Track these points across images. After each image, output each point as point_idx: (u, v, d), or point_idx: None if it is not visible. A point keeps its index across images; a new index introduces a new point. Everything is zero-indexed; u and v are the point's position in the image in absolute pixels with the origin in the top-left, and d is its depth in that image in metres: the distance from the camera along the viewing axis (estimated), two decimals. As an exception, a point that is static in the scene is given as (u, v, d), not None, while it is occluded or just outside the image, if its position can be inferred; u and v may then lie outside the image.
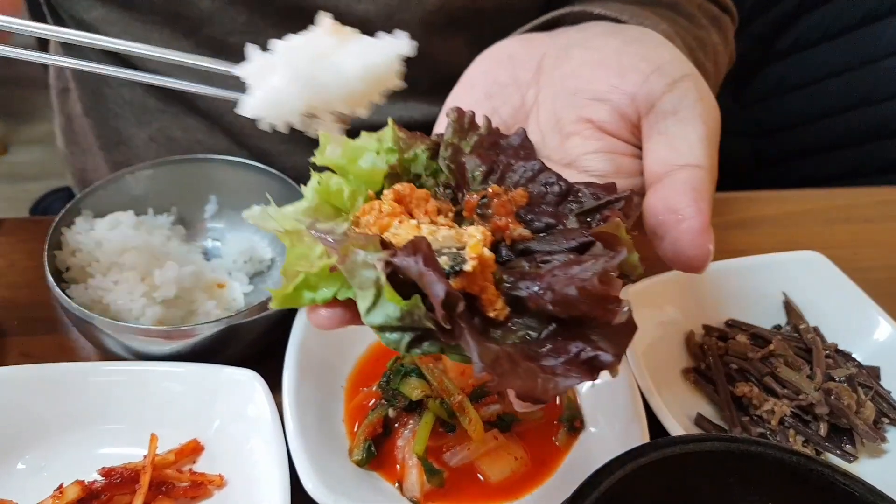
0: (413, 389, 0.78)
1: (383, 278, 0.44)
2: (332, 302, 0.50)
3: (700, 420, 0.83)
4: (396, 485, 0.75)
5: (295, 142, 1.05)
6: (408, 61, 1.03)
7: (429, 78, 1.06)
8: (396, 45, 0.53)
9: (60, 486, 0.70)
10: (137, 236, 0.85)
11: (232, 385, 0.76)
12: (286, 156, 0.96)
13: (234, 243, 0.95)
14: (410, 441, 0.77)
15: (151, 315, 0.79)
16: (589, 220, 0.52)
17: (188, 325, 0.80)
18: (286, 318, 0.83)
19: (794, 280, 0.98)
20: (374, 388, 0.82)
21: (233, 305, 0.88)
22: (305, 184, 0.56)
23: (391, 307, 0.45)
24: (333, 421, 0.80)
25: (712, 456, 0.60)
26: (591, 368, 0.45)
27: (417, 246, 0.44)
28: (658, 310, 0.91)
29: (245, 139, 1.06)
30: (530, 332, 0.47)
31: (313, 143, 1.07)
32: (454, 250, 0.47)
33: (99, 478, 0.70)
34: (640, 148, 0.58)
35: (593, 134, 0.59)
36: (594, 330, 0.45)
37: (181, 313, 0.82)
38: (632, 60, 0.59)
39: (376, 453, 0.76)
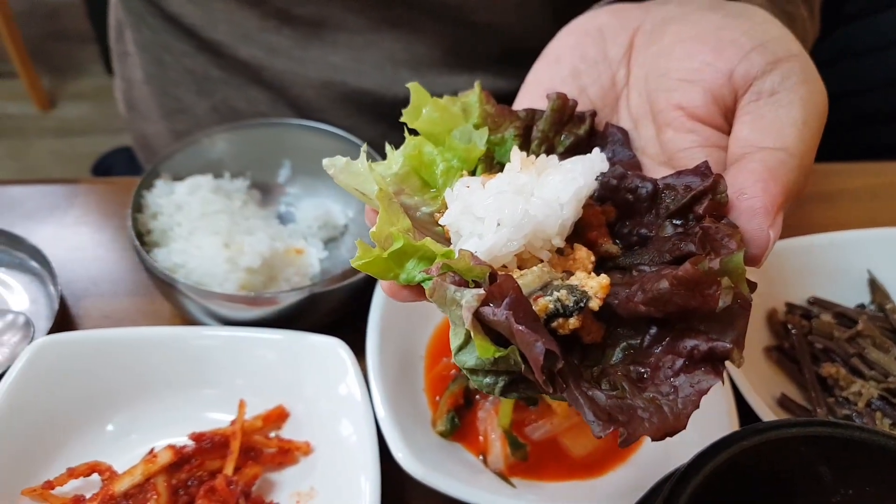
0: (495, 362, 0.78)
1: (473, 331, 0.40)
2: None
3: (784, 400, 0.81)
4: (480, 457, 0.75)
5: (360, 115, 1.04)
6: (474, 30, 1.01)
7: (498, 48, 1.03)
8: (597, 164, 0.49)
9: (152, 450, 0.71)
10: (217, 200, 0.85)
11: (318, 352, 0.76)
12: (352, 131, 0.94)
13: (309, 209, 0.94)
14: (492, 413, 0.77)
15: (235, 280, 0.79)
16: (682, 221, 0.47)
17: (272, 291, 0.80)
18: (366, 287, 0.82)
19: (879, 258, 0.95)
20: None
21: (309, 272, 0.88)
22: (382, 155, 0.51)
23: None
24: (415, 391, 0.79)
25: (814, 441, 0.58)
26: (713, 363, 0.41)
27: (504, 290, 0.40)
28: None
29: (310, 112, 1.05)
30: (631, 342, 0.44)
31: (379, 120, 1.06)
32: (560, 282, 0.44)
33: (189, 442, 0.71)
34: None
35: (685, 124, 0.53)
36: (702, 322, 0.42)
37: (262, 279, 0.82)
38: (732, 35, 0.53)
39: (459, 425, 0.76)
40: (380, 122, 1.06)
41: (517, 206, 0.45)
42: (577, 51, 0.60)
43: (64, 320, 0.84)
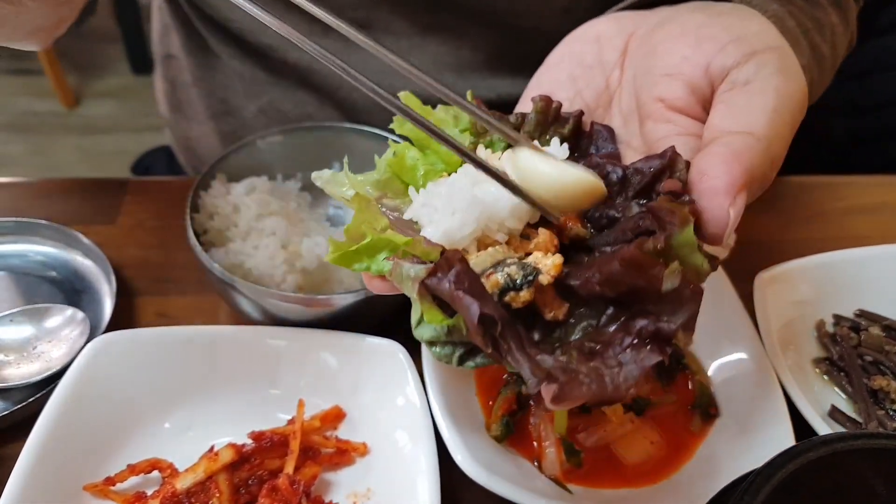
0: (548, 368, 0.78)
1: (419, 299, 0.44)
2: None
3: (834, 412, 0.82)
4: (535, 463, 0.75)
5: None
6: (519, 35, 1.01)
7: (541, 52, 1.04)
8: (553, 152, 0.52)
9: (212, 447, 0.72)
10: (273, 202, 0.85)
11: (376, 354, 0.76)
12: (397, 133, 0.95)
13: (358, 212, 0.95)
14: (545, 419, 0.77)
15: (292, 281, 0.80)
16: (646, 200, 0.50)
17: (330, 293, 0.81)
18: (418, 291, 0.83)
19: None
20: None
21: (360, 274, 0.88)
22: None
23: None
24: (468, 394, 0.80)
25: (871, 454, 0.58)
26: (659, 343, 0.43)
27: (450, 262, 0.43)
28: (789, 296, 0.90)
29: (357, 114, 1.06)
30: (590, 321, 0.46)
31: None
32: (515, 260, 0.46)
33: (249, 441, 0.72)
34: None
35: (665, 114, 0.55)
36: (655, 304, 0.44)
37: (318, 280, 0.83)
38: (712, 31, 0.56)
39: (514, 429, 0.77)
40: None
41: (467, 193, 0.48)
42: (575, 57, 0.64)
43: (119, 318, 0.85)
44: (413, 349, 0.77)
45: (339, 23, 0.51)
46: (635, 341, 0.43)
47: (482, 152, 0.54)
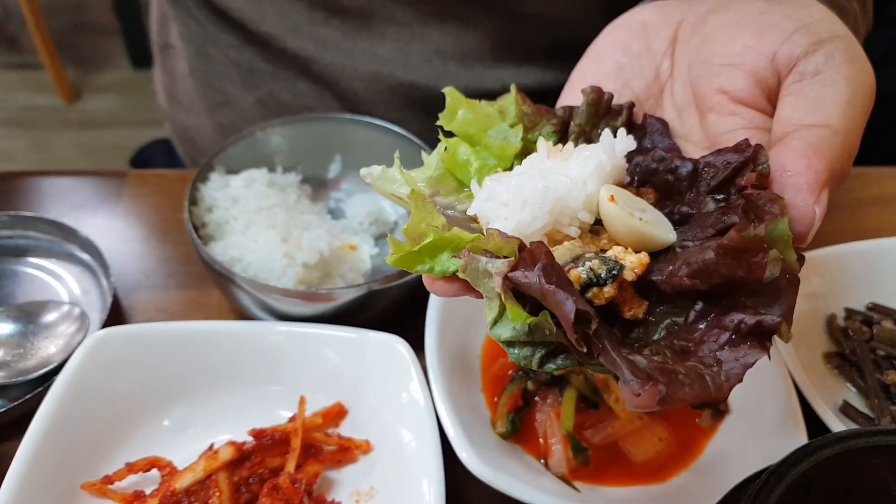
0: (555, 364, 0.76)
1: (504, 295, 0.40)
2: (452, 275, 0.46)
3: (846, 408, 0.80)
4: (541, 460, 0.73)
5: (408, 108, 1.03)
6: (523, 22, 1.00)
7: (546, 41, 1.02)
8: (619, 143, 0.50)
9: (211, 445, 0.70)
10: (273, 194, 0.84)
11: (378, 349, 0.75)
12: (399, 123, 0.93)
13: (360, 204, 0.94)
14: (551, 415, 0.76)
15: (292, 275, 0.79)
16: (723, 195, 0.47)
17: (330, 287, 0.79)
18: (420, 285, 0.81)
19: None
20: (511, 359, 0.81)
21: (362, 268, 0.87)
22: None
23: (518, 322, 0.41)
24: (473, 391, 0.78)
25: (884, 452, 0.56)
26: (760, 338, 0.40)
27: (535, 256, 0.40)
28: (800, 290, 0.88)
29: (357, 105, 1.04)
30: (675, 319, 0.43)
31: (427, 113, 1.05)
32: (593, 255, 0.44)
33: (249, 439, 0.70)
34: None
35: (728, 107, 0.53)
36: (750, 297, 0.41)
37: (319, 274, 0.81)
38: (774, 19, 0.53)
39: (520, 426, 0.75)
40: (428, 115, 1.05)
41: (538, 184, 0.45)
42: (620, 46, 0.61)
43: (117, 313, 0.84)
44: (416, 344, 0.75)
45: None
46: (733, 337, 0.40)
47: (542, 144, 0.51)
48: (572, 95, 0.58)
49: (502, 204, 0.47)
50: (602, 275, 0.42)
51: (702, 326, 0.42)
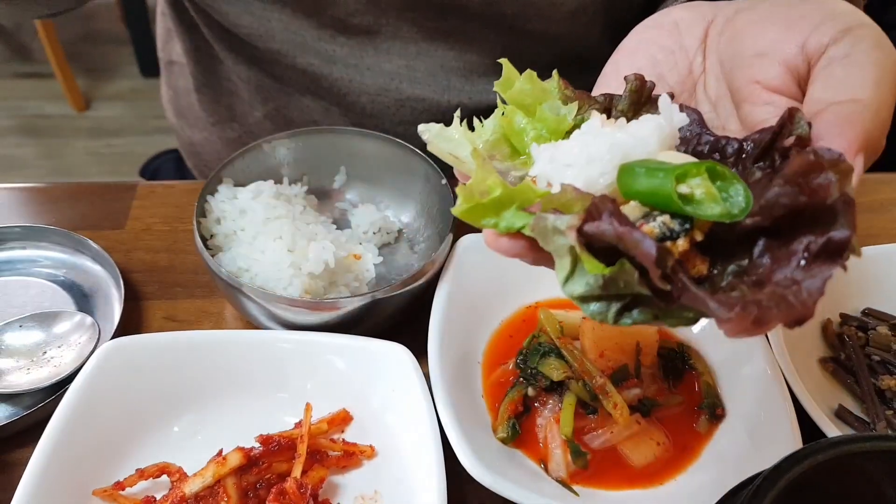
0: (554, 370, 0.78)
1: (578, 248, 0.40)
2: (516, 233, 0.47)
3: (842, 412, 0.81)
4: (541, 465, 0.75)
5: (414, 122, 1.05)
6: (526, 39, 1.01)
7: (549, 56, 1.04)
8: (676, 116, 0.50)
9: (220, 451, 0.72)
10: (280, 206, 0.86)
11: (382, 357, 0.77)
12: (405, 137, 0.96)
13: (364, 214, 0.96)
14: (551, 421, 0.78)
15: (298, 285, 0.81)
16: (768, 161, 0.47)
17: (336, 297, 0.81)
18: (424, 293, 0.83)
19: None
20: (511, 366, 0.83)
21: (366, 277, 0.89)
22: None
23: (592, 276, 0.41)
24: (474, 397, 0.80)
25: (880, 457, 0.58)
26: (832, 255, 0.39)
27: (600, 208, 0.41)
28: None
29: (364, 119, 1.06)
30: (739, 263, 0.43)
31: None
32: (659, 212, 0.44)
33: (257, 445, 0.72)
34: None
35: (762, 96, 0.54)
36: (810, 224, 0.41)
37: (324, 284, 0.83)
38: (801, 11, 0.55)
39: (520, 431, 0.77)
40: None
41: (607, 138, 0.46)
42: (653, 42, 0.63)
43: (128, 322, 0.86)
44: (419, 351, 0.77)
45: None
46: (803, 262, 0.40)
47: (596, 115, 0.52)
48: (606, 87, 0.60)
49: (566, 165, 0.47)
50: (675, 228, 0.42)
51: (767, 261, 0.42)
